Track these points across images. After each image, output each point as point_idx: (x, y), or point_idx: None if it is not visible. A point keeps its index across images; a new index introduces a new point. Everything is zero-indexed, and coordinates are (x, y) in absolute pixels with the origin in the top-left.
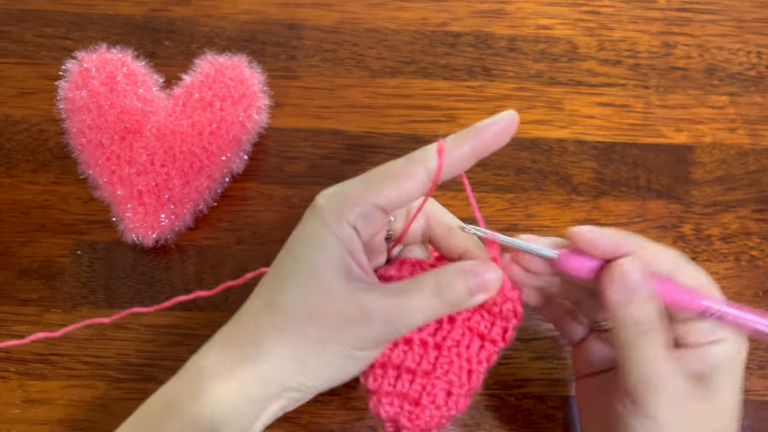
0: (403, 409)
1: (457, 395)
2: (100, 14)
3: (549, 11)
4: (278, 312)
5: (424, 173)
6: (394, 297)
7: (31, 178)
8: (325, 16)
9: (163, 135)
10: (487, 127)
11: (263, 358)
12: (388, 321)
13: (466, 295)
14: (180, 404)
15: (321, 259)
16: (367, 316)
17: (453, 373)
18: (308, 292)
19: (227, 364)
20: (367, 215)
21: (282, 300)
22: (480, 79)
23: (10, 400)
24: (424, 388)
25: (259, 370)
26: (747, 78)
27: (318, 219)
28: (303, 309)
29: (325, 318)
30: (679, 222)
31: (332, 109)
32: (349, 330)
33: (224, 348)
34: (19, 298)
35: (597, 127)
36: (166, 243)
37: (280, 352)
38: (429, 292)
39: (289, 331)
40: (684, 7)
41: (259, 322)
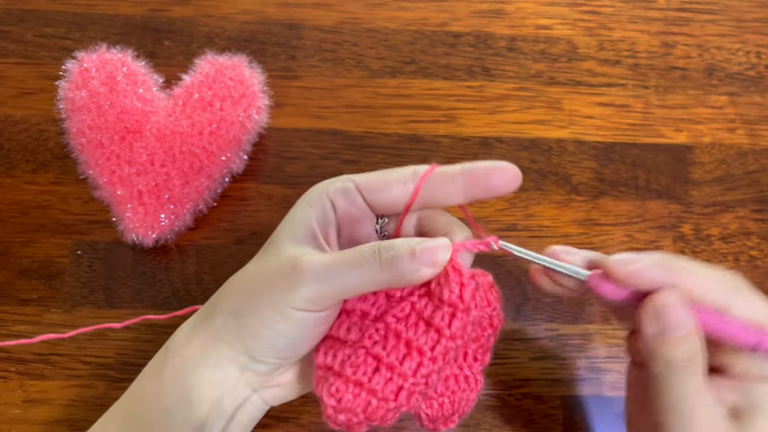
0: (326, 382)
1: (387, 378)
2: (100, 14)
3: (549, 11)
4: (240, 273)
5: (410, 174)
6: (330, 256)
7: (31, 178)
8: (325, 16)
9: (163, 135)
10: (480, 165)
11: (214, 315)
12: (320, 278)
13: (409, 263)
14: (156, 368)
15: (285, 226)
16: (297, 271)
17: (382, 347)
18: (264, 254)
19: (192, 325)
20: (346, 191)
21: (248, 264)
22: (480, 79)
23: (10, 400)
24: (348, 357)
25: (211, 326)
26: (746, 78)
27: (302, 198)
28: (256, 268)
29: (264, 274)
30: (679, 222)
31: (332, 109)
32: (279, 284)
33: (192, 318)
34: (19, 298)
35: (596, 127)
36: (166, 243)
37: (226, 307)
38: (370, 256)
39: (238, 288)
40: (683, 7)
41: (225, 285)
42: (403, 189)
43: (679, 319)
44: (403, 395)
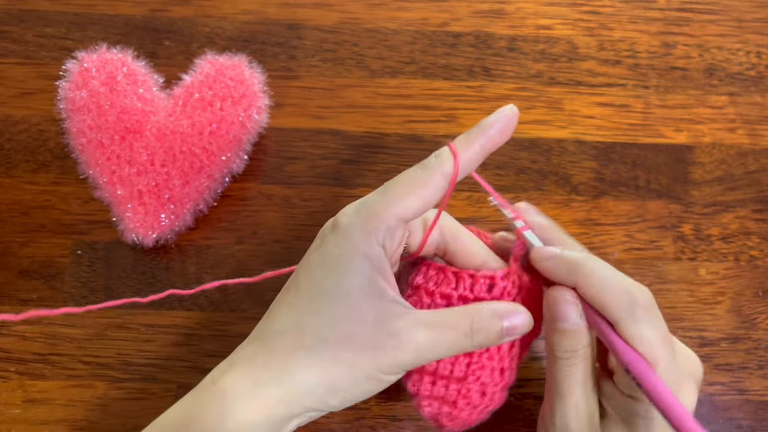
0: (441, 411)
1: (492, 392)
2: (100, 14)
3: (549, 11)
4: (308, 334)
5: (441, 178)
6: (427, 330)
7: (31, 178)
8: (325, 16)
9: (163, 135)
10: (492, 124)
11: (291, 381)
12: (419, 352)
13: (497, 338)
14: (201, 424)
15: (352, 281)
16: (399, 345)
17: (486, 376)
18: (340, 315)
19: (252, 386)
20: (392, 231)
21: (313, 322)
22: (480, 79)
23: (10, 400)
24: (459, 392)
25: (286, 393)
26: (747, 78)
27: (345, 239)
28: (335, 333)
29: (357, 343)
30: (679, 222)
31: (332, 109)
32: (380, 357)
33: (249, 369)
34: (19, 298)
35: (597, 127)
36: (166, 243)
37: (310, 375)
38: (462, 332)
39: (320, 355)
40: (684, 7)
41: (287, 344)
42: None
43: (564, 315)
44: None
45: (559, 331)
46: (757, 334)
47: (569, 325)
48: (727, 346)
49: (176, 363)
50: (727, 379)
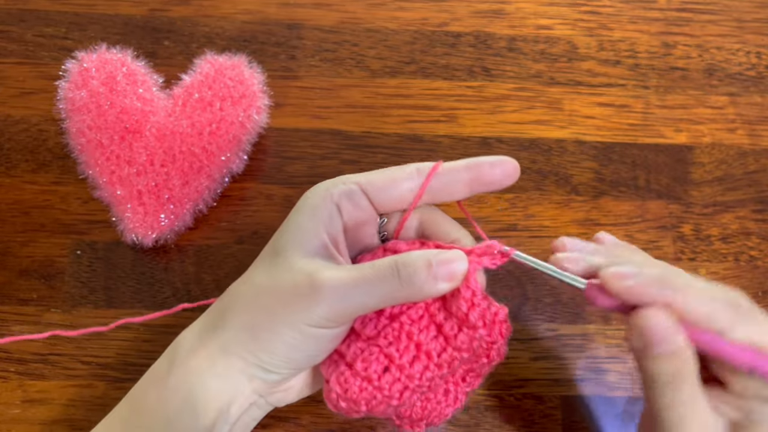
0: (337, 368)
1: (395, 378)
2: (100, 14)
3: (549, 11)
4: (246, 284)
5: (414, 171)
6: (347, 272)
7: (31, 178)
8: (325, 16)
9: (162, 135)
10: (484, 160)
11: (224, 326)
12: (339, 297)
13: (427, 279)
14: (160, 376)
15: (291, 235)
16: (315, 289)
17: (395, 348)
18: (273, 266)
19: (197, 336)
20: (351, 194)
21: (253, 275)
22: (480, 79)
23: (9, 400)
24: (361, 352)
25: (220, 338)
26: (746, 78)
27: (304, 201)
28: (267, 282)
29: (278, 289)
30: (679, 222)
31: (332, 109)
32: (297, 302)
33: (197, 324)
34: (19, 297)
35: (596, 128)
36: (165, 243)
37: (237, 320)
38: (389, 272)
39: (249, 301)
40: (684, 8)
41: (230, 296)
42: (409, 186)
43: (663, 337)
44: (406, 395)
45: (661, 357)
46: None
47: (673, 347)
48: None
49: None
50: None
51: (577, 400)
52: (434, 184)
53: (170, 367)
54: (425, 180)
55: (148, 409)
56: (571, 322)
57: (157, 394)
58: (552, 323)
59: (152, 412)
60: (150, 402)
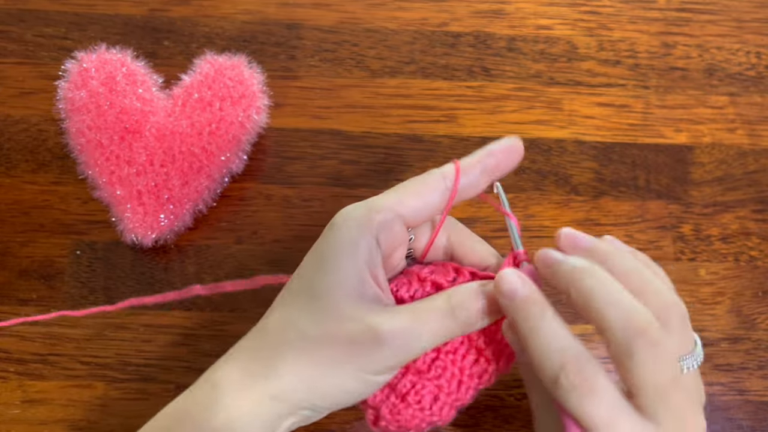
0: (388, 400)
1: (443, 403)
2: (99, 14)
3: (548, 11)
4: (292, 330)
5: (440, 179)
6: (405, 320)
7: (31, 178)
8: (325, 16)
9: (162, 135)
10: (497, 147)
11: (276, 376)
12: (400, 345)
13: (480, 315)
14: (193, 418)
15: (336, 278)
16: (378, 341)
17: (444, 379)
18: (321, 313)
19: (241, 379)
20: (389, 225)
21: (299, 319)
22: (480, 79)
23: (9, 400)
24: (413, 386)
25: (273, 387)
26: (746, 78)
27: (337, 235)
28: (317, 330)
29: (336, 341)
30: (679, 222)
31: (332, 109)
32: (360, 354)
33: (239, 363)
34: (19, 297)
35: (596, 128)
36: (165, 243)
37: (293, 371)
38: (442, 314)
39: (302, 351)
40: (683, 8)
41: (274, 340)
42: (438, 197)
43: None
44: (452, 413)
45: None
46: (757, 334)
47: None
48: (727, 346)
49: (175, 363)
50: (727, 379)
51: None
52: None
53: (207, 411)
54: (453, 189)
55: None
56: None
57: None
58: None
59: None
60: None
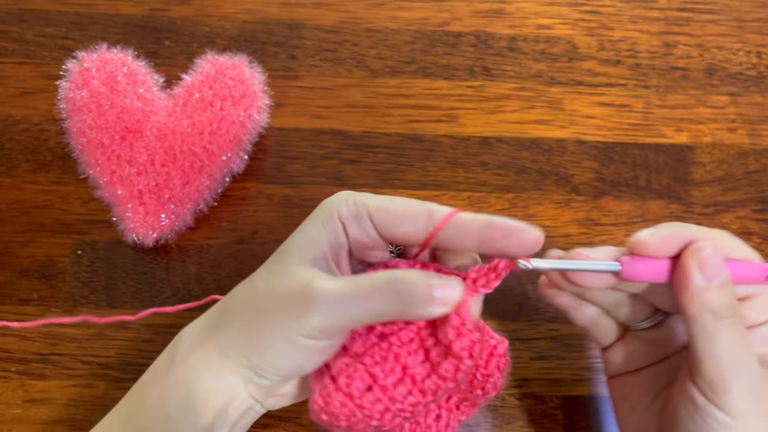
0: (321, 380)
1: (377, 398)
2: (100, 14)
3: (549, 11)
4: (248, 286)
5: (425, 214)
6: (342, 283)
7: (32, 177)
8: (326, 15)
9: (163, 135)
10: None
11: (223, 326)
12: (332, 308)
13: (422, 300)
14: (160, 373)
15: (296, 243)
16: (309, 298)
17: (381, 368)
18: (274, 271)
19: (198, 332)
20: (358, 216)
21: (254, 276)
22: (480, 79)
23: (10, 400)
24: (346, 367)
25: (220, 339)
26: (747, 78)
27: (319, 208)
28: (265, 286)
29: (275, 296)
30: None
31: (332, 109)
32: (291, 311)
33: (202, 318)
34: (20, 297)
35: (597, 127)
36: (166, 243)
37: (237, 324)
38: (382, 287)
39: (248, 304)
40: (684, 7)
41: (233, 296)
42: (415, 229)
43: (720, 266)
44: (387, 416)
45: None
46: None
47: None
48: None
49: None
50: None
51: (577, 400)
52: (445, 231)
53: (170, 365)
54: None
55: (148, 407)
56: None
57: (157, 392)
58: (552, 323)
59: (152, 410)
60: (150, 400)
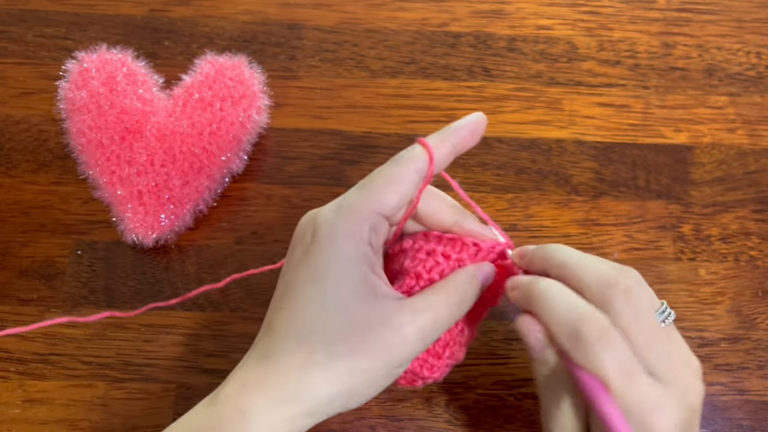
0: (426, 362)
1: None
2: (100, 14)
3: (549, 11)
4: (318, 351)
5: (415, 174)
6: (424, 316)
7: (32, 178)
8: (326, 16)
9: (163, 135)
10: (463, 125)
11: (312, 396)
12: (423, 337)
13: (477, 296)
14: None
15: (347, 290)
16: (406, 339)
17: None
18: (344, 326)
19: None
20: (376, 227)
21: (319, 338)
22: (480, 80)
23: (10, 400)
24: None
25: (308, 406)
26: (746, 78)
27: (330, 247)
28: (344, 345)
29: (368, 350)
30: (679, 222)
31: (332, 110)
32: (391, 355)
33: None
34: (19, 297)
35: (596, 128)
36: (166, 243)
37: (329, 389)
38: (453, 304)
39: (335, 369)
40: (683, 8)
41: (299, 363)
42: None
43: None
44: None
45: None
46: (757, 334)
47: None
48: (727, 346)
49: (176, 363)
50: (727, 379)
51: None
52: None
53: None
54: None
55: None
56: None
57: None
58: None
59: None
60: None
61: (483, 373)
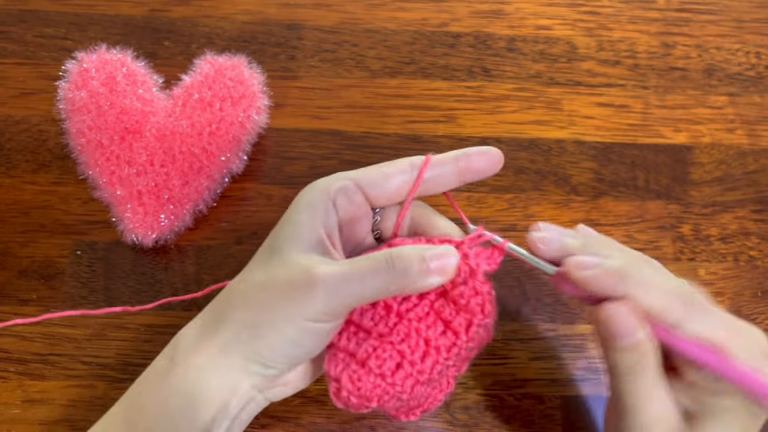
0: (348, 367)
1: (407, 373)
2: (100, 15)
3: (548, 11)
4: (244, 281)
5: (407, 165)
6: (341, 266)
7: (31, 178)
8: (325, 16)
9: (162, 135)
10: (473, 150)
11: (224, 324)
12: (335, 289)
13: (420, 272)
14: (160, 374)
15: (288, 231)
16: (312, 284)
17: (407, 345)
18: (270, 262)
19: (196, 335)
20: (346, 189)
21: (249, 271)
22: (479, 80)
23: (9, 400)
24: (374, 350)
25: (221, 337)
26: (746, 78)
27: (300, 197)
28: (263, 276)
29: (276, 286)
30: (678, 222)
31: (332, 110)
32: (295, 296)
33: (198, 321)
34: (19, 298)
35: (596, 128)
36: (165, 243)
37: (239, 318)
38: (380, 266)
39: (248, 298)
40: (683, 8)
41: (230, 292)
42: (402, 180)
43: (626, 329)
44: (417, 388)
45: (623, 348)
46: None
47: (634, 340)
48: None
49: None
50: None
51: (577, 400)
52: (426, 176)
53: (171, 366)
54: (419, 173)
55: (148, 407)
56: (570, 322)
57: (158, 393)
58: (551, 323)
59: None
60: (150, 401)
61: (483, 374)
